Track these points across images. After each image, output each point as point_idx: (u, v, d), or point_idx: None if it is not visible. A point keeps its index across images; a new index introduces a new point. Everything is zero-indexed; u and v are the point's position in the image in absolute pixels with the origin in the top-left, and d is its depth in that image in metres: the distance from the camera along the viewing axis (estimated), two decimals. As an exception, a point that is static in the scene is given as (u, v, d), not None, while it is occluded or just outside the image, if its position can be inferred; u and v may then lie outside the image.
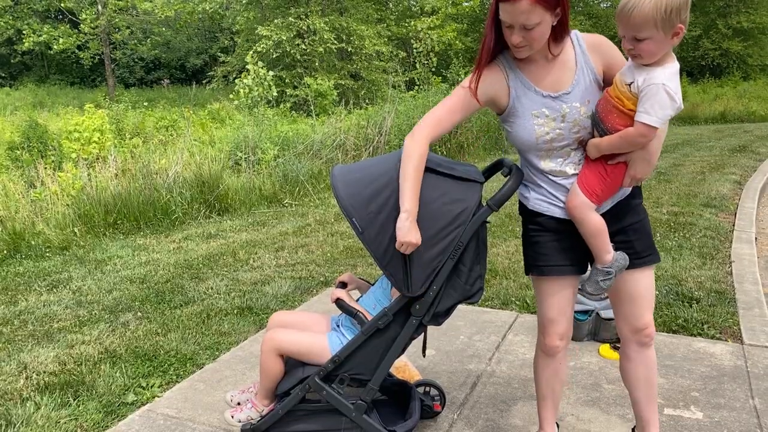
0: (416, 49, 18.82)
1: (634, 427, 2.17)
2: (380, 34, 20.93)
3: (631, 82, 1.69)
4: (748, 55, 30.71)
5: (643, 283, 1.92)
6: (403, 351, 2.09)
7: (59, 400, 2.73)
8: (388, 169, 1.89)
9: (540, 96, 1.80)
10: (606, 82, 1.82)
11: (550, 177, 1.88)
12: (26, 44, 25.91)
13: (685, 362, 2.97)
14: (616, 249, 1.86)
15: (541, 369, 2.09)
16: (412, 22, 20.74)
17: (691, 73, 30.83)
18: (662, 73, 1.66)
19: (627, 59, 1.76)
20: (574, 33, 1.82)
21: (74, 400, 2.74)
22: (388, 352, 2.05)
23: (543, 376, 2.09)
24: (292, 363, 2.23)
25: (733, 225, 5.47)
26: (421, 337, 2.35)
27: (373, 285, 2.22)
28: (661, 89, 1.64)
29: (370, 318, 2.05)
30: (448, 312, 2.01)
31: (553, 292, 1.95)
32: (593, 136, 1.81)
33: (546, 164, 1.86)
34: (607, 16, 29.48)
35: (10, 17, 27.95)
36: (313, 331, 2.20)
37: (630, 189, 1.90)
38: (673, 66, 1.68)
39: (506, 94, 1.83)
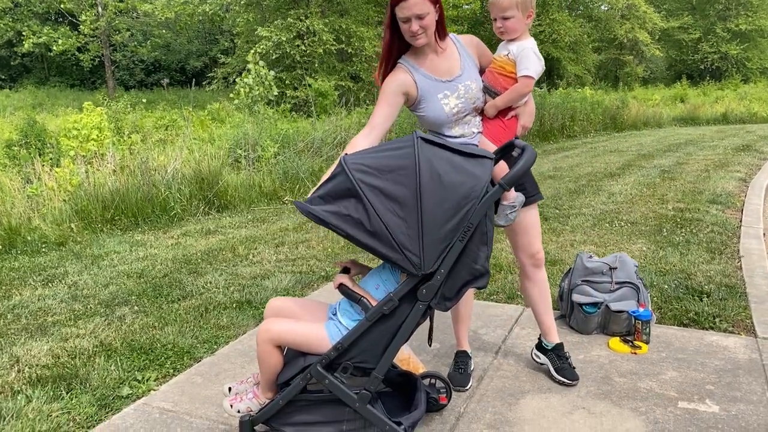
0: (417, 50, 18.72)
1: (540, 336, 2.76)
2: (381, 36, 20.89)
3: (507, 53, 2.33)
4: (747, 58, 30.69)
5: (531, 216, 2.52)
6: (408, 338, 1.99)
7: (51, 393, 2.64)
8: (343, 179, 1.86)
9: (440, 83, 2.32)
10: (481, 66, 2.42)
11: (460, 140, 2.35)
12: (26, 46, 25.88)
13: (697, 356, 2.88)
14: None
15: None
16: (413, 24, 20.67)
17: (691, 76, 30.81)
18: (528, 43, 2.31)
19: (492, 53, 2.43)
20: (453, 35, 2.42)
21: (67, 393, 2.65)
22: (393, 339, 1.96)
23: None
24: (293, 352, 2.14)
25: (740, 221, 5.39)
26: (426, 329, 2.27)
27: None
28: (530, 51, 2.28)
29: (374, 303, 1.96)
30: (457, 295, 1.92)
31: None
32: (485, 103, 2.39)
33: (456, 131, 2.37)
34: (607, 19, 29.48)
35: (10, 19, 27.94)
36: (310, 320, 2.11)
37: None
38: (531, 40, 2.34)
39: (414, 87, 2.31)
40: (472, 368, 2.73)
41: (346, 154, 1.93)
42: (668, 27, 30.45)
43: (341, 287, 2.03)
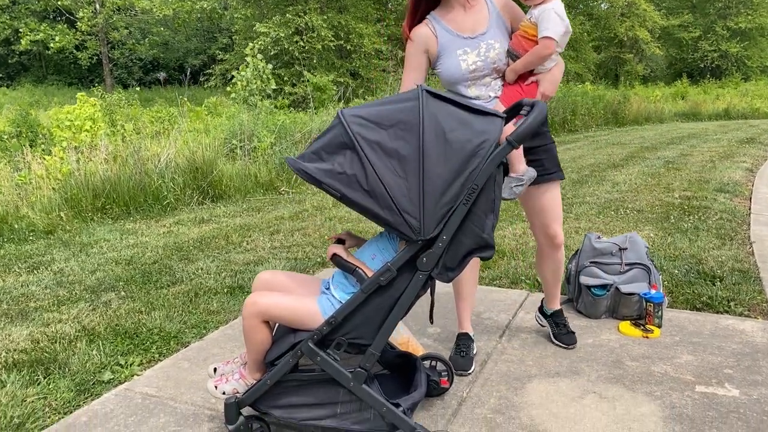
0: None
1: (543, 299, 2.79)
2: (380, 33, 20.74)
3: (530, 17, 2.24)
4: (747, 56, 30.54)
5: (549, 195, 2.39)
6: (407, 311, 1.84)
7: (28, 378, 2.48)
8: (339, 133, 1.69)
9: (461, 38, 2.26)
10: (512, 30, 2.33)
11: (475, 101, 2.22)
12: (23, 43, 25.70)
13: (713, 339, 2.72)
14: (528, 165, 2.23)
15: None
16: (412, 21, 20.51)
17: (691, 74, 30.64)
18: (551, 4, 2.20)
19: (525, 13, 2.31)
20: None
21: (44, 378, 2.49)
22: (391, 313, 1.80)
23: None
24: (283, 329, 1.98)
25: (749, 209, 5.23)
26: (427, 307, 2.11)
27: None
28: (551, 12, 2.17)
29: (370, 274, 1.80)
30: (460, 265, 1.76)
31: None
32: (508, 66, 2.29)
33: (472, 91, 2.29)
34: (607, 17, 29.34)
35: (8, 17, 27.77)
36: (302, 294, 1.94)
37: None
38: (557, 1, 2.22)
39: (435, 41, 2.28)
40: (474, 352, 2.57)
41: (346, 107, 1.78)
42: (668, 25, 30.29)
43: (334, 258, 1.87)
